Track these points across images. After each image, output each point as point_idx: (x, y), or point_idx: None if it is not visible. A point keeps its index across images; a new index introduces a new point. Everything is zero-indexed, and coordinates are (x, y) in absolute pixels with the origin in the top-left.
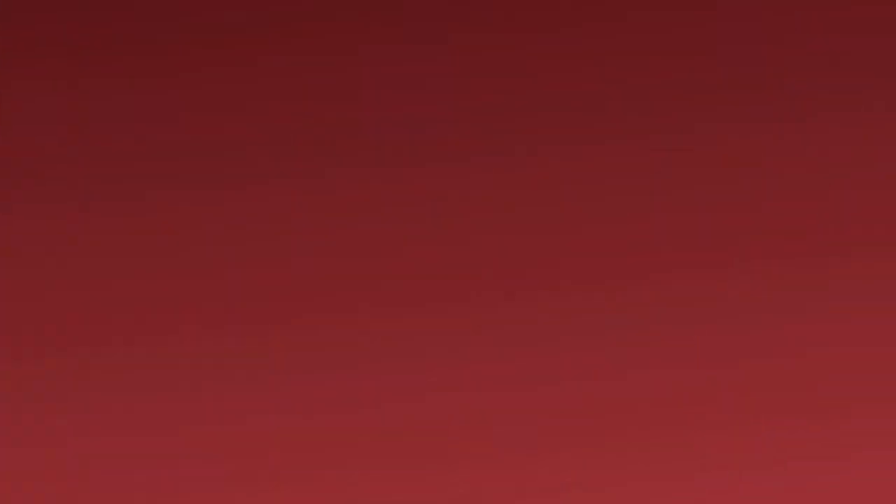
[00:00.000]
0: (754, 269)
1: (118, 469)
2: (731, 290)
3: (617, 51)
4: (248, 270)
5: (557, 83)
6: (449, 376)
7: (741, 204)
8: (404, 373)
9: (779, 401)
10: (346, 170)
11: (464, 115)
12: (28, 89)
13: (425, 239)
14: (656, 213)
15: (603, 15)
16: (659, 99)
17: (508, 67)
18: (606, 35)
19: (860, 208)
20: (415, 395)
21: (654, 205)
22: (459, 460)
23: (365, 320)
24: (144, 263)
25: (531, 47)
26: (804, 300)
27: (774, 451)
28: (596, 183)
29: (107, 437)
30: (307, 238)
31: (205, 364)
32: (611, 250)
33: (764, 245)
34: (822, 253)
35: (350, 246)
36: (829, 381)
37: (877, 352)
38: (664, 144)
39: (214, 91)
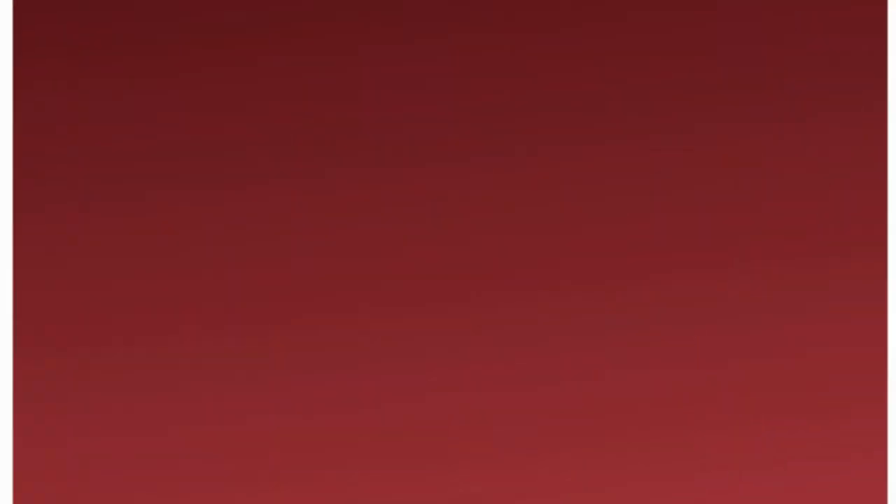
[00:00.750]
0: (754, 269)
1: (118, 469)
2: (731, 290)
3: (617, 51)
4: (248, 270)
5: (557, 83)
6: (449, 376)
7: (741, 204)
8: (404, 373)
9: (779, 401)
10: (346, 170)
11: (464, 115)
12: (28, 89)
13: (425, 239)
14: (656, 213)
15: (603, 15)
16: (659, 99)
17: (508, 67)
18: (606, 35)
19: (860, 208)
20: (415, 395)
21: (654, 205)
22: (459, 460)
23: (365, 320)
24: (144, 263)
25: (531, 47)
26: (804, 300)
27: (774, 451)
28: (596, 183)
29: (107, 437)
30: (307, 238)
31: (205, 364)
32: (611, 250)
33: (764, 245)
34: (822, 253)
35: (350, 246)
36: (829, 381)
37: (876, 352)
38: (664, 144)
39: (214, 91)
